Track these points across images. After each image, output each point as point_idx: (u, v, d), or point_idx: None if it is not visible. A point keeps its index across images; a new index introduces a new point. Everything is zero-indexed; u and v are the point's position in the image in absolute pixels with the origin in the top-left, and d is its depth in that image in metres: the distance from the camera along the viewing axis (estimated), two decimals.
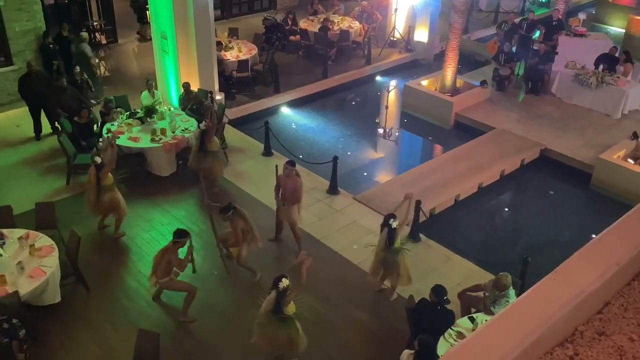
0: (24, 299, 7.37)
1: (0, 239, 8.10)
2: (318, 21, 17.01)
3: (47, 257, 7.95)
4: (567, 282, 2.51)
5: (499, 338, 2.22)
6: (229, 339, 7.80)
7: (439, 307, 7.02)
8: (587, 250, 2.69)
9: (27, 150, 11.95)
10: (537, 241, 10.20)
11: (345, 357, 7.61)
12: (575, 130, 13.24)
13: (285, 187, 8.85)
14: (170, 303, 8.42)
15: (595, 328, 2.53)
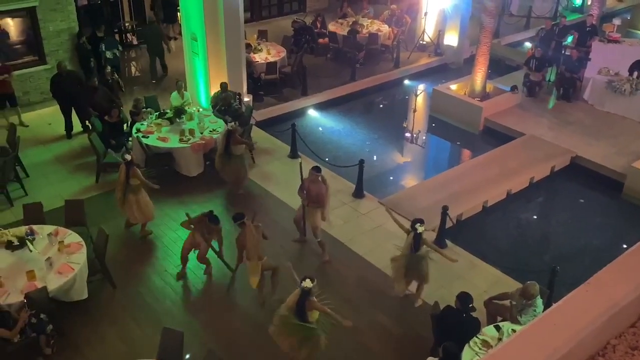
0: (52, 295, 7.47)
1: (30, 235, 8.23)
2: (347, 24, 17.02)
3: (76, 254, 8.06)
4: (600, 294, 2.45)
5: (529, 350, 2.18)
6: (252, 338, 7.81)
7: (464, 314, 6.94)
8: (622, 261, 2.63)
9: (58, 148, 12.14)
10: (566, 250, 10.05)
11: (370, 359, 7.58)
12: (608, 137, 13.02)
13: (309, 192, 8.85)
14: (195, 302, 8.48)
15: (629, 342, 2.47)
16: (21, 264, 7.78)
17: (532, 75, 14.80)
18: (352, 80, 15.62)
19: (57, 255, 7.97)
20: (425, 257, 8.11)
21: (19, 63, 13.29)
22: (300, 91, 14.79)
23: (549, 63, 14.97)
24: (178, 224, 9.91)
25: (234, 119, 11.45)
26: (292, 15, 19.66)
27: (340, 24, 17.41)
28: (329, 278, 8.82)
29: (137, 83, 15.11)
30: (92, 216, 9.32)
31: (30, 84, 13.21)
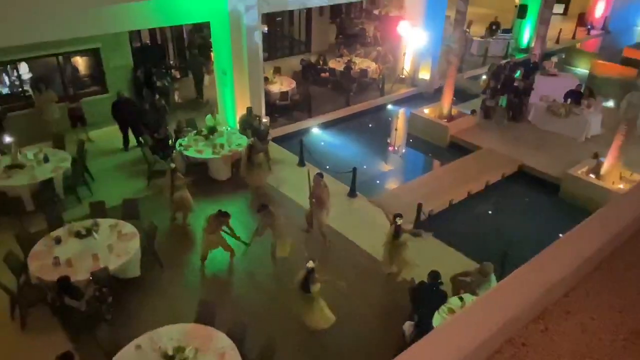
0: (112, 273, 7.52)
1: (95, 225, 8.28)
2: (343, 62, 17.03)
3: (131, 241, 8.10)
4: (540, 271, 2.46)
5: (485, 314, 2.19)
6: (269, 308, 7.83)
7: (434, 288, 6.97)
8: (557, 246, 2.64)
9: (118, 158, 12.18)
10: (514, 238, 10.01)
11: (359, 325, 7.57)
12: (547, 150, 13.00)
13: (314, 194, 8.92)
14: (225, 280, 8.49)
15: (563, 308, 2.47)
16: (88, 249, 7.83)
17: (487, 102, 14.79)
18: (347, 105, 15.63)
19: (116, 242, 8.02)
20: (405, 243, 8.12)
21: (87, 92, 13.36)
22: (307, 114, 14.81)
23: (501, 92, 14.96)
24: None
25: (255, 135, 11.50)
26: (300, 55, 19.71)
27: (338, 62, 17.41)
28: (329, 259, 8.83)
29: (179, 108, 15.14)
30: (143, 211, 9.36)
31: (95, 108, 13.28)
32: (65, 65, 13.09)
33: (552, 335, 2.32)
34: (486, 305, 2.21)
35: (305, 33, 20.99)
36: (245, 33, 11.92)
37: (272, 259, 8.77)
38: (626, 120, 10.58)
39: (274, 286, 8.30)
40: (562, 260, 2.47)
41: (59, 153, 10.71)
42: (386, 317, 7.71)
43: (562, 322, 2.37)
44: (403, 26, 16.84)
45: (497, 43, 21.05)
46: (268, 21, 19.43)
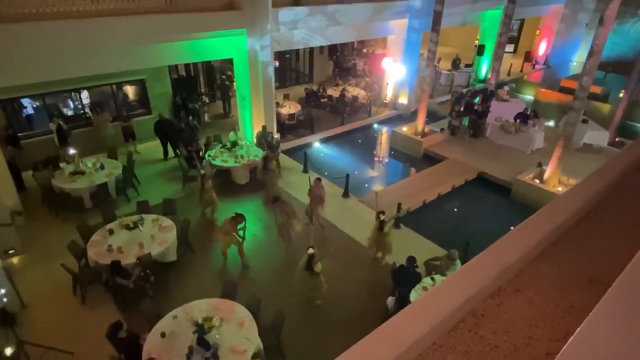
0: (154, 258, 7.50)
1: (141, 220, 8.27)
2: (339, 90, 17.05)
3: (169, 232, 8.09)
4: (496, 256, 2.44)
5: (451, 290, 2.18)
6: (279, 286, 7.80)
7: (411, 270, 6.94)
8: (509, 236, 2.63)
9: (159, 166, 12.16)
10: (475, 230, 10.00)
11: (350, 300, 7.55)
12: (501, 160, 12.98)
13: (314, 193, 8.92)
14: (244, 264, 8.46)
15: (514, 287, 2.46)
16: (135, 239, 7.82)
17: (453, 122, 14.78)
18: (341, 124, 15.62)
19: (157, 233, 8.01)
20: (388, 234, 8.10)
21: (135, 114, 13.37)
22: (309, 131, 14.80)
23: (464, 114, 14.97)
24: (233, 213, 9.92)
25: (268, 148, 11.51)
26: (304, 85, 19.73)
27: (334, 90, 17.43)
28: (327, 247, 8.80)
29: (208, 126, 15.15)
30: (179, 209, 9.38)
31: (142, 127, 13.30)
32: (117, 92, 13.10)
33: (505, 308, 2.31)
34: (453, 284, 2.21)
35: (309, 67, 21.04)
36: (261, 67, 11.94)
37: (283, 238, 8.75)
38: (564, 136, 10.57)
39: (283, 268, 8.27)
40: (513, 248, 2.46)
41: (112, 162, 10.71)
42: (372, 294, 7.68)
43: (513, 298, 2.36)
44: (386, 62, 16.89)
45: (460, 75, 21.07)
46: (279, 57, 19.42)
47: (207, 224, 9.61)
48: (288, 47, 13.65)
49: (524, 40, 27.47)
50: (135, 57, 10.49)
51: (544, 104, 18.01)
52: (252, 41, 11.62)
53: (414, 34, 16.11)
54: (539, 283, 2.54)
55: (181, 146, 11.68)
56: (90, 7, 8.88)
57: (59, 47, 8.72)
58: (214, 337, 5.78)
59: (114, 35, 9.15)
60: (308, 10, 12.47)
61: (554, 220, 2.89)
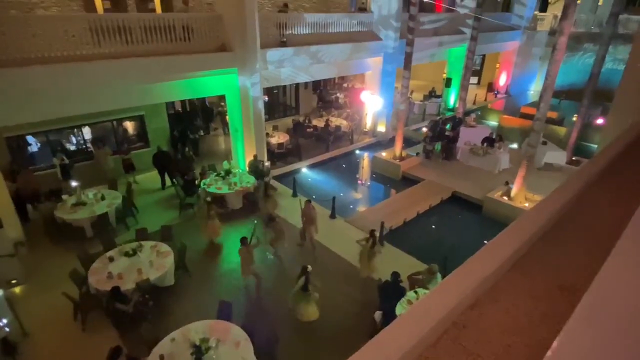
0: (152, 283, 7.29)
1: (139, 246, 8.07)
2: (323, 120, 17.23)
3: (167, 257, 7.90)
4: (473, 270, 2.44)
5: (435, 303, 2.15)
6: (273, 306, 7.61)
7: (396, 285, 6.87)
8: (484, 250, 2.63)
9: (157, 195, 11.98)
10: (452, 245, 10.01)
11: (340, 315, 7.40)
12: (472, 180, 13.16)
13: (305, 215, 8.87)
14: (240, 285, 8.27)
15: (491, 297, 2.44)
16: (134, 265, 7.61)
17: (427, 146, 15.02)
18: (326, 151, 15.71)
19: (155, 258, 7.82)
20: (376, 252, 8.06)
21: (134, 147, 13.26)
22: (297, 158, 14.84)
23: (437, 139, 15.24)
24: (227, 236, 9.83)
25: (260, 174, 11.48)
26: (291, 116, 19.90)
27: (319, 120, 17.62)
28: (318, 265, 8.67)
29: (203, 157, 15.10)
30: (176, 235, 9.21)
31: (140, 159, 13.16)
32: (118, 127, 13.01)
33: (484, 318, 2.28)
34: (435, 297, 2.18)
35: (295, 100, 21.28)
36: (251, 102, 12.05)
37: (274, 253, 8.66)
38: (526, 157, 10.82)
39: (277, 290, 8.09)
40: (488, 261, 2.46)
41: (113, 193, 10.52)
42: (361, 309, 7.55)
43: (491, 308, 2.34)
44: (365, 94, 17.24)
45: (432, 105, 21.58)
46: (268, 92, 19.66)
47: (202, 249, 9.42)
48: (276, 83, 13.87)
49: (486, 72, 28.48)
50: (134, 95, 10.50)
51: (507, 128, 18.50)
52: (243, 79, 11.76)
53: (388, 70, 16.55)
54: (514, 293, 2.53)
55: (178, 175, 11.57)
56: (93, 51, 8.92)
57: (63, 88, 8.69)
58: (211, 358, 5.57)
59: (115, 76, 9.17)
60: (293, 50, 12.76)
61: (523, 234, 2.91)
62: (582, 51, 24.04)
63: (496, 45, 23.27)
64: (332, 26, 13.98)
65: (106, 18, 8.93)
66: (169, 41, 9.90)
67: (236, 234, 9.94)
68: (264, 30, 12.03)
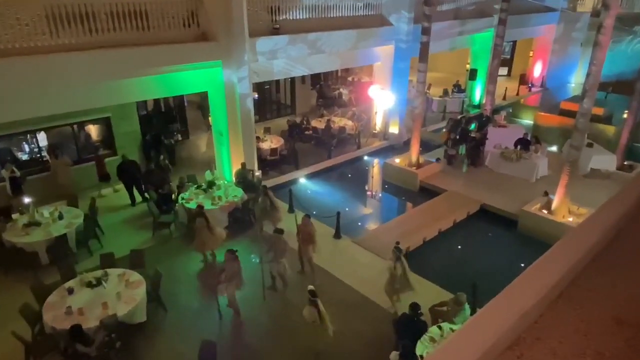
0: (120, 319, 7.22)
1: (105, 276, 8.03)
2: (324, 121, 17.31)
3: (138, 288, 7.85)
4: (511, 301, 2.40)
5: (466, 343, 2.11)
6: (269, 346, 7.53)
7: (415, 318, 6.80)
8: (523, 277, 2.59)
9: (125, 213, 11.97)
10: (482, 270, 9.94)
11: (349, 356, 7.31)
12: (504, 190, 13.15)
13: (303, 233, 8.85)
14: (225, 321, 8.20)
15: (534, 334, 2.40)
16: (98, 298, 7.56)
17: (449, 151, 15.05)
18: (328, 158, 15.76)
19: (124, 290, 7.77)
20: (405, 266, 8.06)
21: (99, 156, 13.24)
22: (294, 166, 14.87)
23: (460, 142, 15.27)
24: None
25: (248, 188, 11.47)
26: (286, 117, 20.01)
27: (319, 121, 17.70)
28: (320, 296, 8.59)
29: (182, 166, 15.11)
30: (149, 261, 9.13)
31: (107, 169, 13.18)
32: (79, 132, 13.05)
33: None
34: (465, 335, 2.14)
35: (290, 98, 21.43)
36: (238, 100, 12.09)
37: (272, 286, 8.64)
38: (569, 161, 10.80)
39: (272, 325, 8.01)
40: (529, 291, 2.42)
41: (73, 210, 10.51)
42: (373, 349, 7.46)
43: (534, 348, 2.29)
44: (373, 90, 17.33)
45: (453, 101, 21.68)
46: (258, 89, 19.82)
47: (181, 278, 9.37)
48: (268, 77, 13.97)
49: (517, 62, 28.70)
50: (99, 94, 10.55)
51: (544, 128, 18.56)
52: (229, 73, 11.83)
53: (401, 60, 16.68)
54: (560, 329, 2.49)
55: (151, 189, 11.56)
56: (50, 42, 8.99)
57: (12, 86, 8.73)
58: None
59: (76, 72, 9.22)
60: (288, 38, 12.86)
61: (570, 256, 2.87)
62: (632, 35, 24.25)
63: (529, 29, 23.50)
64: (334, 9, 14.13)
65: (66, 3, 9.02)
66: (141, 30, 9.99)
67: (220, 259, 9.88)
68: (253, 16, 12.15)
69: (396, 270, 7.88)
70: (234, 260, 7.63)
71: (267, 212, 10.44)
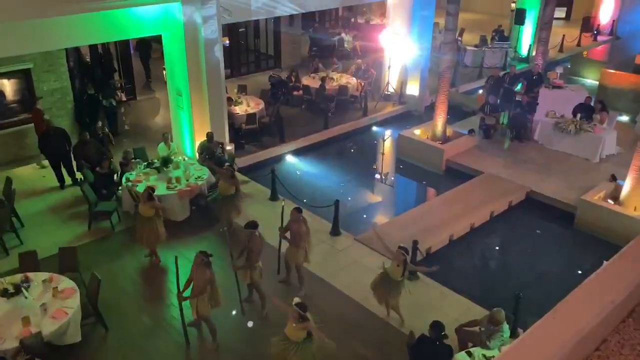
0: (46, 339, 7.22)
1: (25, 282, 8.01)
2: (318, 78, 17.21)
3: (69, 299, 7.84)
4: (566, 321, 2.43)
5: None
6: None
7: (437, 342, 6.87)
8: (584, 289, 2.62)
9: (52, 198, 11.90)
10: (527, 278, 10.06)
11: None
12: (558, 173, 13.22)
13: (292, 231, 8.84)
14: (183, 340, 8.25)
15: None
16: (16, 311, 7.52)
17: (487, 119, 15.06)
18: (325, 128, 15.72)
19: (51, 300, 7.75)
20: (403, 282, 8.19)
21: (14, 121, 13.11)
22: (278, 139, 14.83)
23: (502, 108, 15.26)
24: (167, 267, 9.81)
25: (217, 166, 11.43)
26: (268, 71, 19.86)
27: (312, 78, 17.60)
28: (311, 311, 8.66)
29: (126, 136, 15.00)
30: (84, 262, 9.11)
31: (26, 140, 13.02)
32: None
33: None
34: None
35: (274, 46, 21.23)
36: (203, 47, 11.97)
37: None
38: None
39: (246, 346, 8.07)
40: (591, 307, 2.44)
41: None
42: None
43: None
44: (386, 35, 17.20)
45: (493, 53, 21.60)
46: (230, 33, 19.61)
47: (127, 285, 9.40)
48: (243, 17, 13.78)
49: (579, 2, 28.52)
50: (17, 38, 10.36)
51: (613, 90, 18.55)
52: (190, 10, 11.70)
53: None
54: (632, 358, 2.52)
55: (85, 167, 11.51)
56: None
57: None
58: None
59: None
60: None
61: None
62: None
63: None
64: None
65: None
66: None
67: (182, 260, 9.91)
68: None
69: (394, 276, 7.97)
70: (205, 266, 7.58)
71: (227, 201, 10.44)
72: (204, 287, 7.58)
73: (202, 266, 7.52)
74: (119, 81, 17.27)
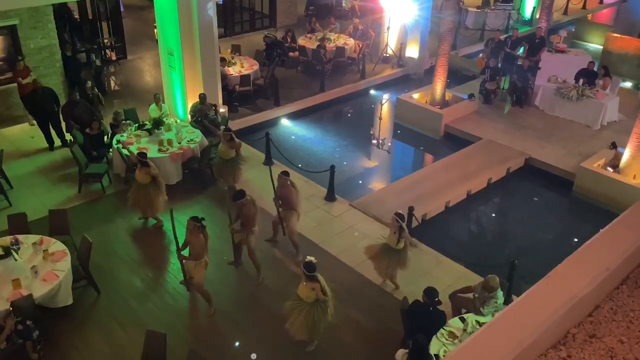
0: (37, 302, 7.30)
1: (15, 244, 8.04)
2: (315, 38, 17.01)
3: (60, 262, 7.89)
4: (560, 287, 2.47)
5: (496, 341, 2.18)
6: (231, 338, 7.73)
7: (431, 308, 6.97)
8: (578, 255, 2.66)
9: (41, 160, 11.87)
10: (523, 245, 10.16)
11: (343, 356, 7.53)
12: (558, 140, 13.24)
13: (281, 196, 8.88)
14: (177, 304, 8.35)
15: (587, 331, 2.49)
16: (7, 273, 7.57)
17: (487, 84, 14.97)
18: (321, 91, 15.62)
19: (42, 263, 7.80)
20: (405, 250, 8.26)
21: (0, 79, 12.97)
22: (273, 102, 14.74)
23: (503, 72, 15.15)
24: (159, 230, 9.86)
25: (210, 130, 11.39)
26: (263, 31, 19.62)
27: (309, 39, 17.41)
28: None
29: (116, 97, 14.88)
30: (75, 225, 9.15)
31: (12, 100, 12.91)
32: None
33: None
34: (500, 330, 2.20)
35: (269, 4, 20.90)
36: (195, 5, 11.80)
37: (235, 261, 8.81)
38: None
39: (237, 311, 8.18)
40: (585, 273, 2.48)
41: None
42: (375, 345, 7.66)
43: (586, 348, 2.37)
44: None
45: (495, 15, 21.36)
46: None
47: (117, 248, 9.46)
48: None
49: None
50: None
51: (617, 55, 18.41)
52: None
53: None
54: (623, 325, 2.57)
55: (75, 128, 11.44)
56: None
57: None
58: None
59: None
60: None
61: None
62: None
63: None
64: None
65: None
66: None
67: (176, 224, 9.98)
68: None
69: (398, 245, 8.01)
70: (198, 231, 7.63)
71: (228, 165, 10.44)
72: (202, 251, 7.68)
73: (195, 231, 7.58)
74: (109, 40, 17.07)
